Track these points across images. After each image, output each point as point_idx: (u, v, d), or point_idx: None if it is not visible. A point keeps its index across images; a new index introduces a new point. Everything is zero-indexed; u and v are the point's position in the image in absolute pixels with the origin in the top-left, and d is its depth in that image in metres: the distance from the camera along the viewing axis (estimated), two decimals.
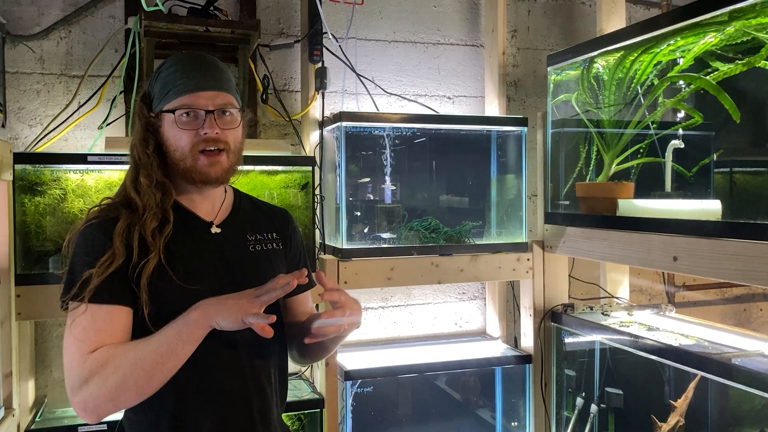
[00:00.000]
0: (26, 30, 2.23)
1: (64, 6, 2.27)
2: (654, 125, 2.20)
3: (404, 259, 2.27)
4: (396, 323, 2.69)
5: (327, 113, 2.40)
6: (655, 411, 2.07)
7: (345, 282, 2.17)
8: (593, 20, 2.84)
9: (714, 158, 2.33)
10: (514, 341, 2.67)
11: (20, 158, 1.91)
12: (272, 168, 2.16)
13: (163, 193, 1.24)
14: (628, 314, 2.33)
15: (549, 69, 2.39)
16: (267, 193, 2.16)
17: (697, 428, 2.07)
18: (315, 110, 2.40)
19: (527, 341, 2.47)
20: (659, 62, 2.06)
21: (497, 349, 2.57)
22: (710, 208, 2.01)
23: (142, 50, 2.12)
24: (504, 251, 2.42)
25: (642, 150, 2.23)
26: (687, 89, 2.01)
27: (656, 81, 2.09)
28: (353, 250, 2.24)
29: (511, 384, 2.55)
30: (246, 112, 1.33)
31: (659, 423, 2.04)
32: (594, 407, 2.30)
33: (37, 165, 1.93)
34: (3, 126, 2.14)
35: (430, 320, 2.75)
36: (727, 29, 1.79)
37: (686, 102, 2.09)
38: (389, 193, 2.47)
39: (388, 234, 2.39)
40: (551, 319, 2.41)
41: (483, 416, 2.63)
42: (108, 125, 2.25)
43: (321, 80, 2.35)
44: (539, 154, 2.46)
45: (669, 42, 1.97)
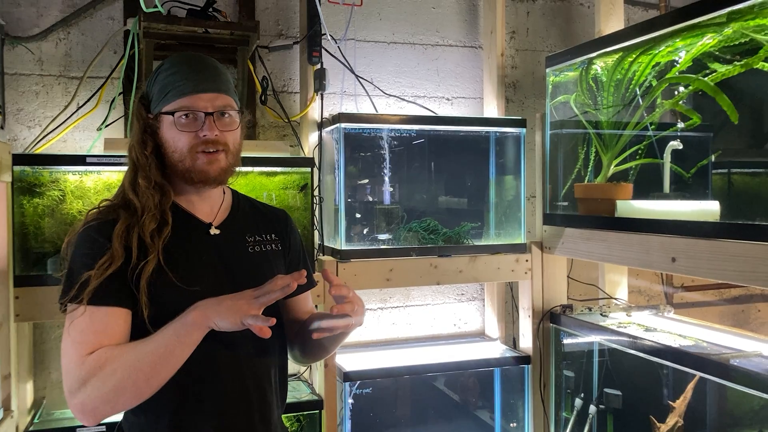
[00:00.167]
0: (25, 31, 2.23)
1: (63, 7, 2.27)
2: (652, 126, 2.20)
3: (403, 261, 2.27)
4: (395, 324, 2.70)
5: (326, 114, 2.40)
6: (654, 412, 2.08)
7: (344, 283, 2.16)
8: (592, 22, 2.85)
9: (712, 159, 2.33)
10: (513, 342, 2.68)
11: (19, 159, 1.90)
12: (271, 169, 2.16)
13: (162, 195, 1.24)
14: (627, 315, 2.33)
15: (547, 70, 2.39)
16: (266, 195, 2.16)
17: (696, 429, 2.08)
18: (314, 111, 2.40)
19: (526, 342, 2.47)
20: (658, 63, 2.06)
21: (496, 350, 2.57)
22: (709, 209, 2.01)
23: (141, 51, 2.12)
24: (503, 252, 2.42)
25: (640, 151, 2.23)
26: (685, 90, 2.01)
27: (655, 82, 2.09)
28: (352, 252, 2.24)
29: (510, 385, 2.55)
30: (245, 114, 1.33)
31: (658, 424, 2.04)
32: (593, 408, 2.30)
33: (36, 166, 1.93)
34: (2, 127, 2.14)
35: (429, 321, 2.75)
36: (726, 30, 1.80)
37: (684, 103, 2.09)
38: (388, 195, 2.48)
39: (386, 235, 2.39)
40: (550, 320, 2.41)
41: (482, 417, 2.63)
42: (107, 126, 2.25)
43: (320, 81, 2.35)
44: (538, 156, 2.46)
45: (667, 43, 1.97)
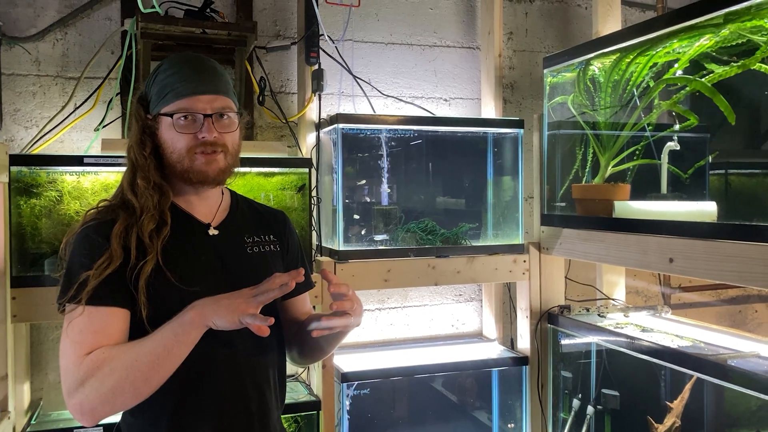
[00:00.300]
0: (22, 32, 2.23)
1: (61, 8, 2.27)
2: (650, 127, 2.20)
3: (401, 261, 2.27)
4: (393, 325, 2.69)
5: (324, 115, 2.40)
6: (652, 412, 2.08)
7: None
8: (589, 23, 2.85)
9: (709, 160, 2.34)
10: (511, 343, 2.68)
11: (16, 160, 1.90)
12: (269, 170, 2.16)
13: (161, 195, 1.24)
14: (625, 316, 2.34)
15: (545, 71, 2.40)
16: (263, 195, 2.15)
17: (693, 429, 2.08)
18: (312, 112, 2.40)
19: (524, 343, 2.47)
20: (655, 64, 2.07)
21: (494, 351, 2.57)
22: (706, 210, 2.02)
23: (139, 52, 2.12)
24: (500, 253, 2.42)
25: (638, 152, 2.23)
26: (682, 91, 2.01)
27: (652, 83, 2.09)
28: (350, 252, 2.24)
29: (508, 386, 2.55)
30: (244, 115, 1.33)
31: (655, 424, 2.04)
32: (590, 409, 2.31)
33: (33, 167, 1.92)
34: None
35: (427, 322, 2.75)
36: (722, 32, 1.80)
37: (682, 104, 2.10)
38: (386, 195, 2.48)
39: (384, 236, 2.39)
40: (548, 321, 2.41)
41: (479, 418, 2.63)
42: (104, 127, 2.25)
43: (318, 82, 2.35)
44: (535, 156, 2.46)
45: (665, 44, 1.97)
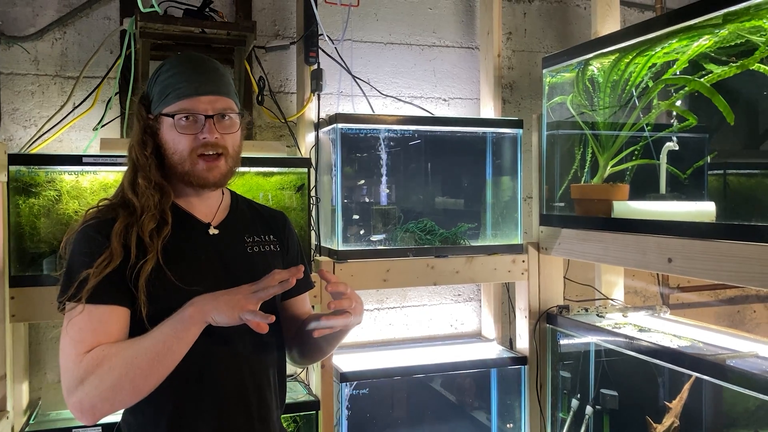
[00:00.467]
0: (21, 31, 2.22)
1: (59, 7, 2.26)
2: (649, 127, 2.21)
3: (400, 261, 2.27)
4: (391, 325, 2.69)
5: (323, 115, 2.40)
6: (650, 412, 2.08)
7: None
8: (588, 23, 2.86)
9: (708, 160, 2.34)
10: (510, 343, 2.68)
11: (15, 159, 1.90)
12: (268, 169, 2.16)
13: (162, 195, 1.24)
14: (623, 316, 2.34)
15: (544, 71, 2.40)
16: (262, 195, 2.15)
17: (692, 429, 2.08)
18: (311, 112, 2.40)
19: (522, 343, 2.47)
20: (654, 64, 2.07)
21: (492, 351, 2.57)
22: (704, 210, 2.02)
23: (138, 51, 2.12)
24: (499, 253, 2.42)
25: (637, 152, 2.24)
26: (681, 91, 2.02)
27: (651, 83, 2.10)
28: (349, 252, 2.24)
29: (507, 386, 2.55)
30: (245, 116, 1.33)
31: (654, 424, 2.05)
32: (589, 409, 2.31)
33: (32, 166, 1.92)
34: None
35: (426, 322, 2.75)
36: (721, 32, 1.80)
37: (680, 104, 2.10)
38: (385, 195, 2.48)
39: (383, 236, 2.38)
40: (546, 321, 2.41)
41: (478, 418, 2.63)
42: (103, 126, 2.25)
43: (317, 82, 2.35)
44: (534, 156, 2.46)
45: (663, 45, 1.97)
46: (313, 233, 2.29)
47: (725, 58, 1.87)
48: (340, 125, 2.28)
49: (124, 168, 1.29)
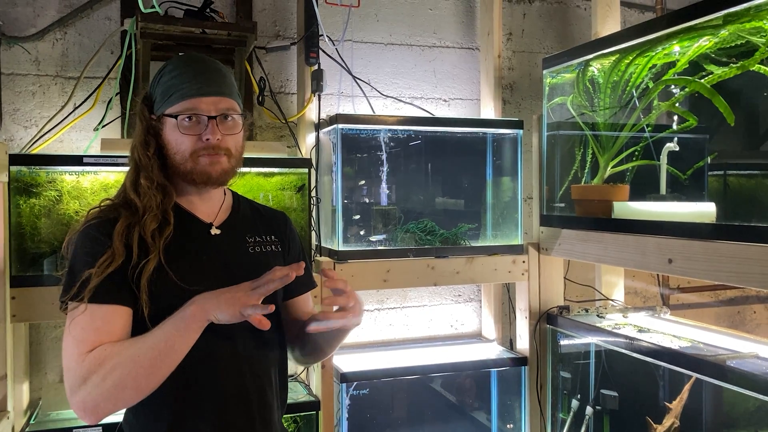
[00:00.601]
0: (22, 31, 2.23)
1: (60, 7, 2.27)
2: (649, 128, 2.21)
3: (400, 262, 2.28)
4: (392, 325, 2.70)
5: (323, 115, 2.40)
6: (650, 413, 2.08)
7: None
8: (588, 24, 2.86)
9: (708, 161, 2.34)
10: (510, 343, 2.68)
11: (15, 160, 1.90)
12: (268, 170, 2.16)
13: (164, 195, 1.24)
14: (623, 316, 2.34)
15: (544, 72, 2.40)
16: (263, 195, 2.16)
17: (692, 430, 2.08)
18: (311, 112, 2.40)
19: (523, 343, 2.47)
20: (654, 65, 2.07)
21: (493, 352, 2.57)
22: (705, 211, 2.02)
23: (138, 52, 2.12)
24: (500, 253, 2.42)
25: (637, 153, 2.24)
26: (681, 92, 2.02)
27: (651, 84, 2.10)
28: (349, 253, 2.24)
29: (507, 386, 2.55)
30: (247, 117, 1.34)
31: (654, 425, 2.05)
32: (589, 409, 2.31)
33: (33, 166, 1.92)
34: None
35: (426, 322, 2.75)
36: (722, 33, 1.81)
37: (681, 105, 2.10)
38: (385, 196, 2.48)
39: (382, 237, 2.39)
40: (546, 322, 2.41)
41: (478, 418, 2.63)
42: (104, 127, 2.25)
43: (317, 82, 2.35)
44: (534, 157, 2.46)
45: (664, 45, 1.98)
46: (314, 234, 2.29)
47: (725, 59, 1.87)
48: (341, 126, 2.28)
49: (125, 168, 1.29)
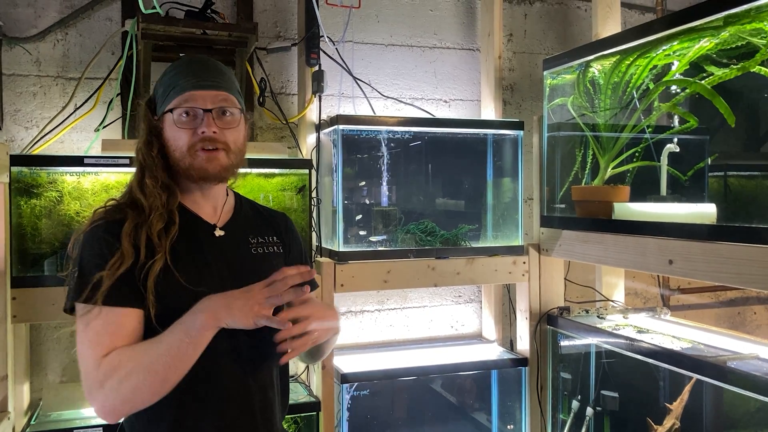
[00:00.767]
0: (23, 32, 2.23)
1: (61, 8, 2.27)
2: (649, 129, 2.21)
3: (401, 262, 2.28)
4: (392, 326, 2.70)
5: (324, 116, 2.40)
6: (651, 414, 2.08)
7: (341, 285, 2.17)
8: (589, 25, 2.86)
9: (709, 162, 2.34)
10: (510, 344, 2.68)
11: (16, 160, 1.90)
12: (269, 171, 2.16)
13: (169, 195, 1.24)
14: (624, 317, 2.34)
15: (545, 73, 2.40)
16: (263, 196, 2.16)
17: (693, 431, 2.08)
18: (312, 113, 2.40)
19: (523, 344, 2.47)
20: (655, 66, 2.07)
21: (493, 352, 2.57)
22: (705, 212, 2.02)
23: (139, 53, 2.12)
24: (500, 254, 2.42)
25: (637, 154, 2.24)
26: (682, 93, 2.02)
27: (652, 85, 2.10)
28: (350, 253, 2.24)
29: (507, 387, 2.55)
30: (249, 115, 1.33)
31: (655, 426, 2.05)
32: (590, 410, 2.31)
33: (34, 167, 1.92)
34: None
35: (426, 323, 2.75)
36: (722, 34, 1.81)
37: (681, 106, 2.10)
38: (386, 196, 2.48)
39: (383, 237, 2.39)
40: (547, 322, 2.41)
41: (479, 419, 2.63)
42: (104, 127, 2.25)
43: (318, 83, 2.35)
44: (535, 158, 2.46)
45: (664, 46, 1.98)
46: (314, 234, 2.29)
47: (726, 61, 1.87)
48: (341, 126, 2.28)
49: (126, 169, 1.30)
